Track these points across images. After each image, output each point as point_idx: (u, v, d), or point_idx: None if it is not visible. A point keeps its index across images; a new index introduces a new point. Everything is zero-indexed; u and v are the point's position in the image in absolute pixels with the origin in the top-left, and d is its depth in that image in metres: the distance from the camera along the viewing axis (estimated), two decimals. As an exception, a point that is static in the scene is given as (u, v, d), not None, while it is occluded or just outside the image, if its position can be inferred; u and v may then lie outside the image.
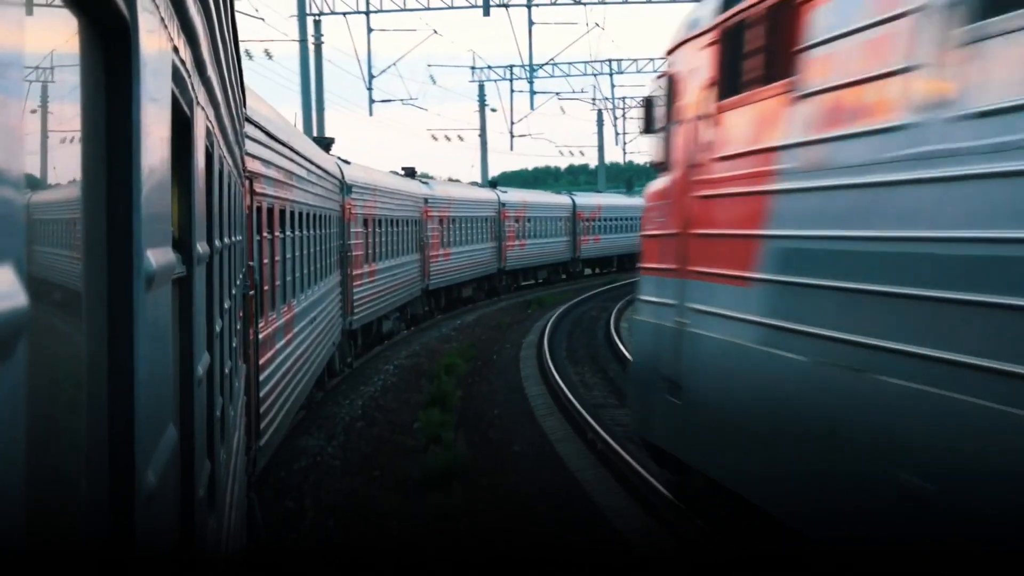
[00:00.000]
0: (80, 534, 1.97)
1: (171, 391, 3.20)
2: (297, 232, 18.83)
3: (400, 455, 17.53)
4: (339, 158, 28.49)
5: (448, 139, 74.50)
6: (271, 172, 15.77)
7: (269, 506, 14.15)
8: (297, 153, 18.71)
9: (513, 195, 57.11)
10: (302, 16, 45.29)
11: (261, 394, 14.61)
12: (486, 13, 50.14)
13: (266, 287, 15.30)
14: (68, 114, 1.93)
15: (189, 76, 3.78)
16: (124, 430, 2.27)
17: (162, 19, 2.87)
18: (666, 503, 12.95)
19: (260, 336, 14.61)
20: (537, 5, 52.43)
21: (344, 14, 50.83)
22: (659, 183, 11.98)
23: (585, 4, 51.23)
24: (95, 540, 2.11)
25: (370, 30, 53.45)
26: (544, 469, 16.29)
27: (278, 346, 16.56)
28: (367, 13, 51.28)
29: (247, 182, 13.32)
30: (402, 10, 51.86)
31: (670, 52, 11.73)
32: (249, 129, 13.45)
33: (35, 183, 1.65)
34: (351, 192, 27.69)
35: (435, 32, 55.83)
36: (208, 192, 5.14)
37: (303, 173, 19.65)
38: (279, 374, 16.58)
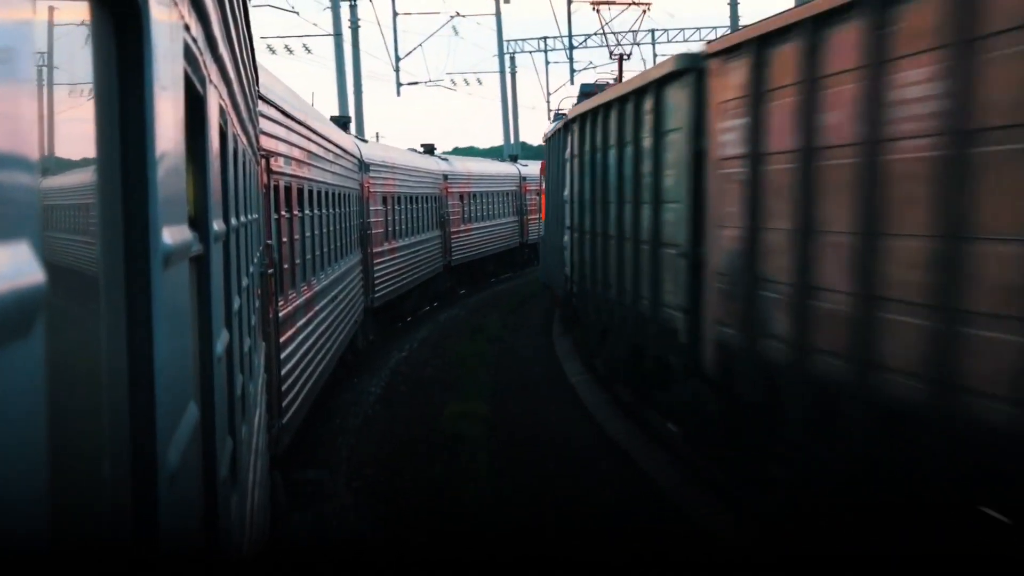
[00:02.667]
0: (103, 514, 1.98)
1: (191, 369, 3.20)
2: (315, 211, 18.83)
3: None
4: (357, 136, 28.49)
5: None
6: (287, 151, 15.77)
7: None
8: (313, 132, 18.70)
9: (534, 168, 56.99)
10: (502, 61, 67.25)
11: (283, 372, 14.65)
12: None
13: (285, 266, 15.32)
14: (80, 94, 1.93)
15: (201, 54, 3.77)
16: (145, 408, 2.27)
17: (172, -4, 2.85)
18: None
19: (280, 315, 14.64)
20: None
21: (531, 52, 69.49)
22: None
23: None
24: (118, 519, 2.11)
25: (548, 63, 70.74)
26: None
27: (299, 324, 16.59)
28: (545, 52, 68.93)
29: (263, 161, 13.32)
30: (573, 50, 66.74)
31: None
32: (264, 108, 13.44)
33: (49, 163, 1.65)
34: (369, 170, 27.70)
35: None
36: (223, 170, 5.13)
37: (320, 152, 19.65)
38: (301, 352, 16.61)
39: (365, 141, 29.38)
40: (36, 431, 1.33)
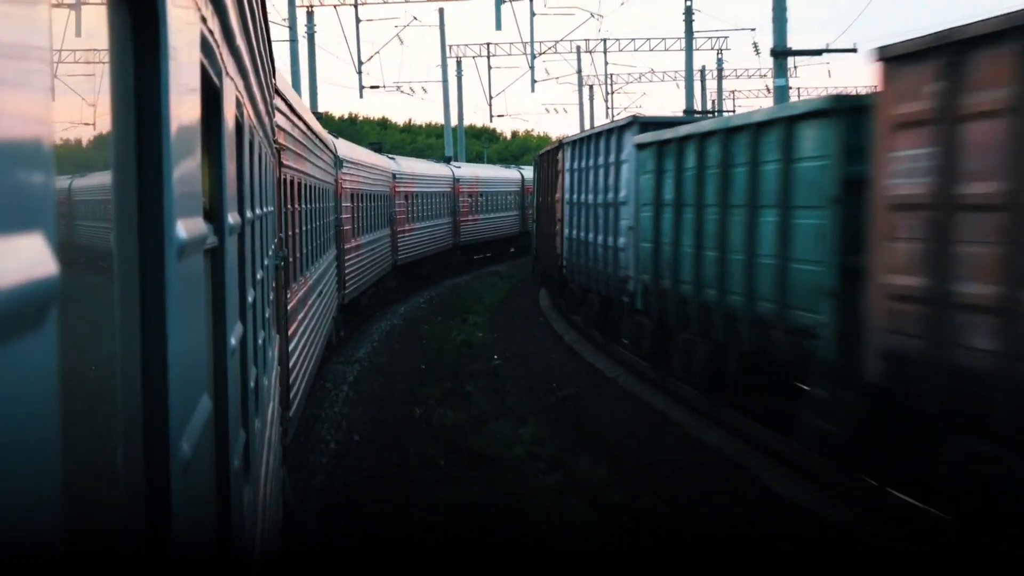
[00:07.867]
0: (116, 503, 1.97)
1: (204, 361, 3.20)
2: (310, 205, 18.91)
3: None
4: (330, 132, 28.43)
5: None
6: (293, 145, 15.83)
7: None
8: (309, 127, 18.79)
9: (466, 170, 57.27)
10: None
11: (290, 364, 14.67)
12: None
13: (291, 259, 15.36)
14: (97, 85, 1.92)
15: (218, 46, 3.76)
16: (158, 399, 2.27)
17: (189, -12, 2.85)
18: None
19: (288, 307, 14.67)
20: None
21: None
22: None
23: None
24: (131, 509, 2.11)
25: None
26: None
27: (299, 317, 16.64)
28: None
29: (277, 154, 13.34)
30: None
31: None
32: (277, 102, 13.46)
33: (64, 155, 1.64)
34: (343, 167, 27.52)
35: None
36: (238, 163, 5.13)
37: (313, 147, 19.73)
38: (301, 345, 16.66)
39: (338, 137, 29.31)
40: (50, 421, 1.33)
